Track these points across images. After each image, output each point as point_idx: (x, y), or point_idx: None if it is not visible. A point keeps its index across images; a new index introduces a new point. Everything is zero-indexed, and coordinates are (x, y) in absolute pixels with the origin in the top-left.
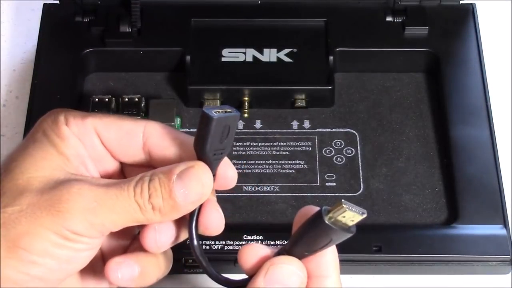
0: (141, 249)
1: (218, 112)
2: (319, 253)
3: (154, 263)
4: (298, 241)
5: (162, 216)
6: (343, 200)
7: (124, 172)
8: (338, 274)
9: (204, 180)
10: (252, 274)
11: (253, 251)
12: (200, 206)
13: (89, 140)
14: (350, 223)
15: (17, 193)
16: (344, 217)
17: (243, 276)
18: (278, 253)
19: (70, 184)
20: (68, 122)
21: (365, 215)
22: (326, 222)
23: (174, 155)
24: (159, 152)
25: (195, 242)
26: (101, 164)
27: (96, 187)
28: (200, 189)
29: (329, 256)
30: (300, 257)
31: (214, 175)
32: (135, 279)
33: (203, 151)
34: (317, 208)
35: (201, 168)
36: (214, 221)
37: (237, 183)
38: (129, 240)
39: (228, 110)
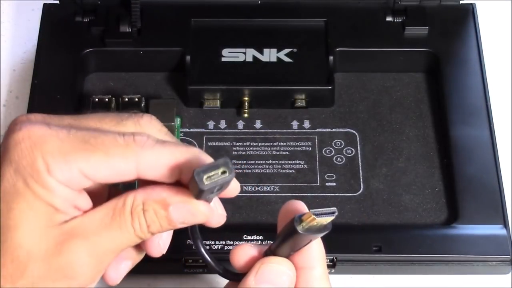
0: None
1: (210, 176)
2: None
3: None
4: (280, 243)
5: (159, 234)
6: (310, 210)
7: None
8: (324, 265)
9: (201, 211)
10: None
11: (244, 251)
12: None
13: (76, 182)
14: (325, 223)
15: (22, 270)
16: (316, 223)
17: None
18: (266, 253)
19: (70, 244)
20: (50, 170)
21: (336, 214)
22: (300, 232)
23: (170, 180)
24: (153, 179)
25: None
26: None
27: (95, 235)
28: (197, 218)
29: (314, 247)
30: (286, 255)
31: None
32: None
33: (200, 189)
34: (298, 204)
35: (196, 204)
36: (215, 219)
37: None
38: None
39: (222, 170)
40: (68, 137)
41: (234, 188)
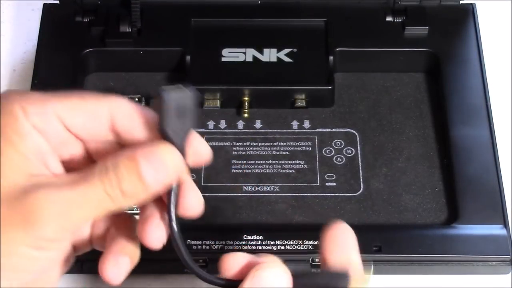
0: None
1: (173, 91)
2: None
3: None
4: None
5: (133, 200)
6: None
7: (91, 154)
8: None
9: (170, 157)
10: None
11: (235, 259)
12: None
13: (52, 129)
14: None
15: None
16: None
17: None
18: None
19: (36, 192)
20: (26, 113)
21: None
22: None
23: (142, 135)
24: (127, 132)
25: (174, 225)
26: (66, 149)
27: (62, 188)
28: (168, 167)
29: None
30: None
31: (184, 154)
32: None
33: (163, 131)
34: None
35: (165, 147)
36: (191, 202)
37: (237, 183)
38: None
39: (184, 89)
40: (45, 94)
41: (204, 152)
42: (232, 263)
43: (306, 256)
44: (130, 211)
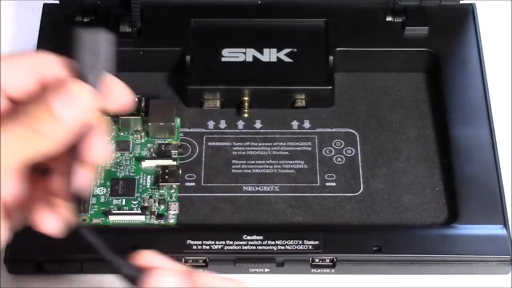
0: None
1: (88, 31)
2: None
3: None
4: None
5: (51, 141)
6: None
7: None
8: None
9: (80, 91)
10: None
11: (148, 257)
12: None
13: None
14: None
15: None
16: None
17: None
18: None
19: None
20: None
21: None
22: None
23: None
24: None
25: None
26: None
27: None
28: (79, 101)
29: None
30: None
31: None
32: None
33: (76, 68)
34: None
35: (76, 83)
36: (97, 148)
37: (237, 183)
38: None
39: (100, 31)
40: None
41: (120, 94)
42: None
43: (306, 256)
44: None
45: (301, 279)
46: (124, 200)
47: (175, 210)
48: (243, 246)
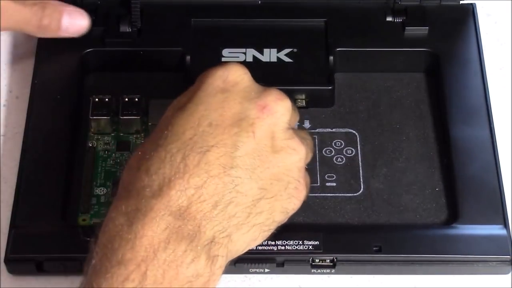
0: None
1: None
2: None
3: None
4: None
5: (41, 33)
6: None
7: None
8: None
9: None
10: None
11: None
12: None
13: None
14: None
15: None
16: None
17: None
18: None
19: None
20: None
21: None
22: None
23: None
24: None
25: None
26: None
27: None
28: (80, 27)
29: None
30: None
31: None
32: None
33: None
34: None
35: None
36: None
37: None
38: None
39: None
40: None
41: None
42: None
43: (306, 256)
44: None
45: (301, 279)
46: None
47: None
48: None
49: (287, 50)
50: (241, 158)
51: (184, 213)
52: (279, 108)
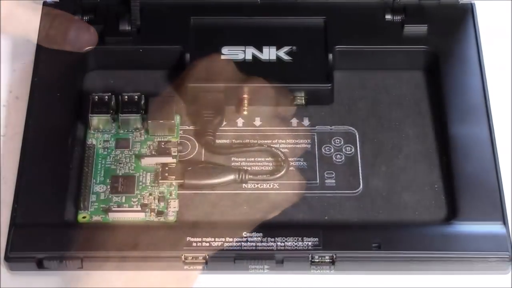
0: None
1: None
2: None
3: None
4: None
5: None
6: None
7: None
8: None
9: None
10: None
11: None
12: None
13: None
14: None
15: None
16: None
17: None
18: None
19: None
20: None
21: None
22: None
23: None
24: None
25: None
26: None
27: None
28: None
29: None
30: None
31: None
32: None
33: None
34: None
35: None
36: None
37: None
38: None
39: None
40: None
41: None
42: None
43: (305, 253)
44: None
45: (300, 278)
46: (124, 198)
47: (175, 207)
48: (242, 244)
49: (286, 48)
50: None
51: None
52: None
